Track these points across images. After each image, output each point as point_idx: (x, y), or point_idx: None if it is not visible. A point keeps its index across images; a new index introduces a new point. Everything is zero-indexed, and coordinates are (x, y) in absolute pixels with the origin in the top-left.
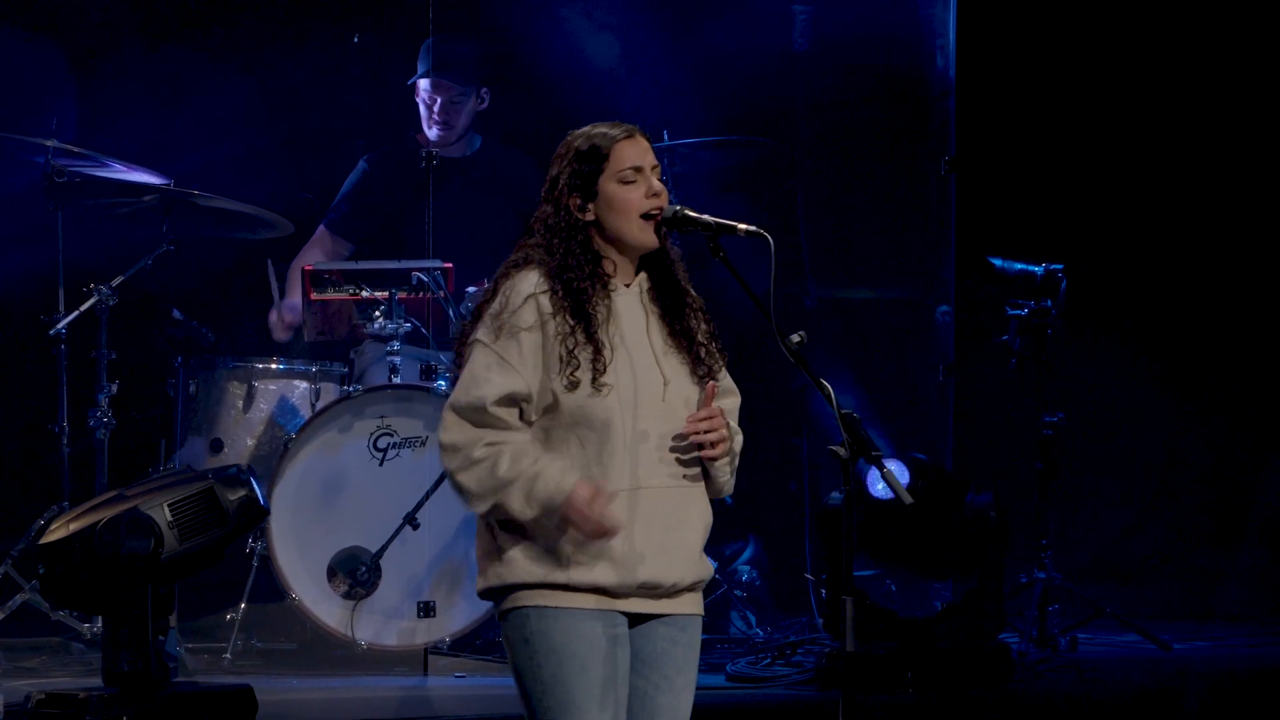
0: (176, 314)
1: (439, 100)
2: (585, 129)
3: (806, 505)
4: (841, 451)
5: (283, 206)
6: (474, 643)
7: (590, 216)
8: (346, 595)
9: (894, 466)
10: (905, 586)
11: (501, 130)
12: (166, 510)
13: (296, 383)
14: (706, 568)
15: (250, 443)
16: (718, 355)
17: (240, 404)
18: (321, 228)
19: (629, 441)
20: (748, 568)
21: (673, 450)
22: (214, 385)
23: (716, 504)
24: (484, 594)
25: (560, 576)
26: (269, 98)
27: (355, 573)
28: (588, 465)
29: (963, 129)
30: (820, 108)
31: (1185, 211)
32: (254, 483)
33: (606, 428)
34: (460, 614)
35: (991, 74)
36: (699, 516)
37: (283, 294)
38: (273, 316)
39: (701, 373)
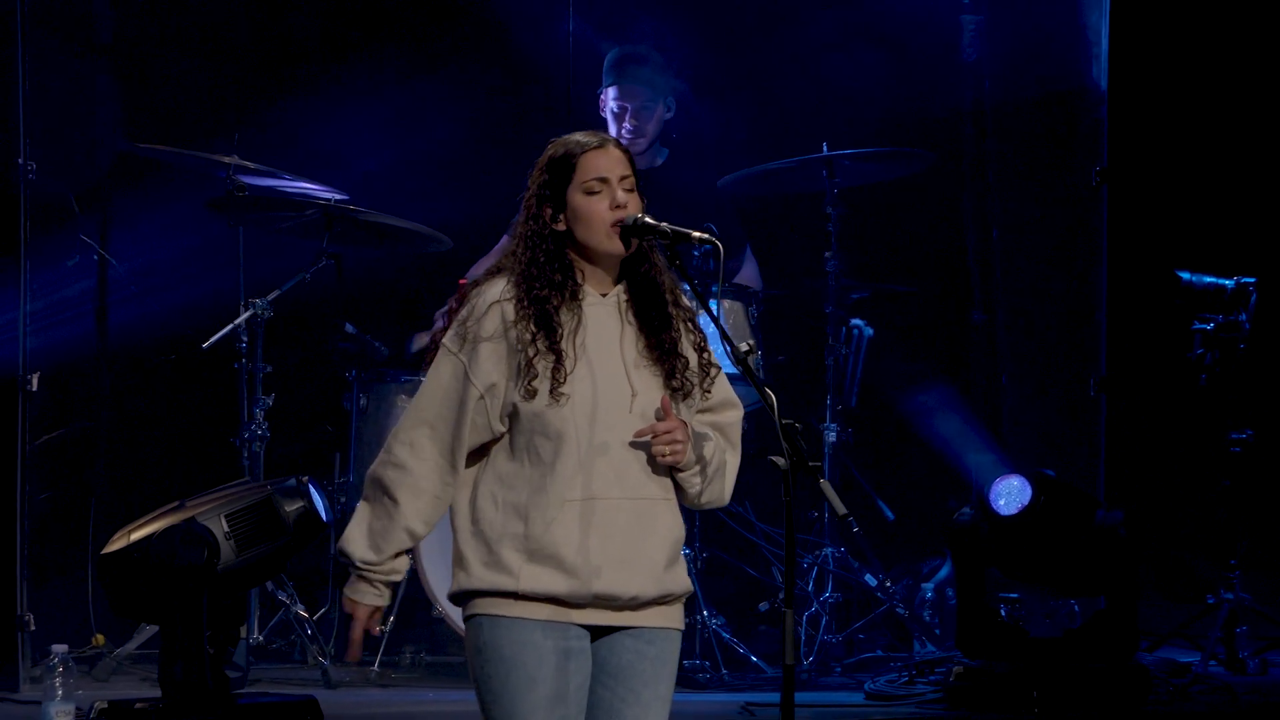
0: (349, 328)
1: (628, 108)
2: (564, 137)
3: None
4: (780, 462)
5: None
6: None
7: (562, 226)
8: None
9: (1016, 482)
10: (1084, 607)
11: (692, 146)
12: (224, 521)
13: None
14: (679, 582)
15: None
16: (708, 367)
17: None
18: (505, 238)
19: (584, 452)
20: (930, 585)
21: (637, 463)
22: (384, 399)
23: (884, 519)
24: (451, 598)
25: (509, 584)
26: (456, 108)
27: None
28: (543, 474)
29: (1115, 139)
30: (986, 119)
31: None
32: (314, 494)
33: (560, 438)
34: None
35: (1145, 83)
36: (666, 530)
37: None
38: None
39: (676, 385)
